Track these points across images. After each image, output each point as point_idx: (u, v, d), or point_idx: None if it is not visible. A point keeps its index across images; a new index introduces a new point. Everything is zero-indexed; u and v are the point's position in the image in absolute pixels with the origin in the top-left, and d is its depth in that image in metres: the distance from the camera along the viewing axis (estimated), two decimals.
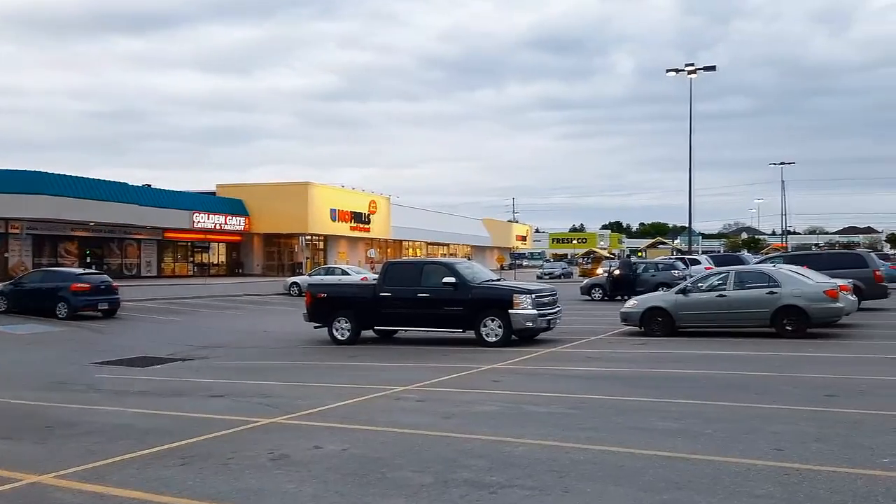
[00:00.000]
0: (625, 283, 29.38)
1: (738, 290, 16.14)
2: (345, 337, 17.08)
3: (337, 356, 15.15)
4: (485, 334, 15.77)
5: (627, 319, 17.31)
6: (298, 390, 10.76)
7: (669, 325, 16.61)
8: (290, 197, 57.95)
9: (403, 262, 18.33)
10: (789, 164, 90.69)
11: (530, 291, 15.88)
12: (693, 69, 48.98)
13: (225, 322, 23.89)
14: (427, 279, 16.72)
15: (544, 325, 15.95)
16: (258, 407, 9.37)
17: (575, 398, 9.29)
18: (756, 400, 8.88)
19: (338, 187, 65.07)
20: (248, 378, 12.33)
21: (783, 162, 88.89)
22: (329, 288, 18.75)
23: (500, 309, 15.68)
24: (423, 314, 16.44)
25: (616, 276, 30.12)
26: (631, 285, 28.96)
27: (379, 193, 71.08)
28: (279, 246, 63.47)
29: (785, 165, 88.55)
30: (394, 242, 77.55)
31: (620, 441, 6.89)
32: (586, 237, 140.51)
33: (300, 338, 18.53)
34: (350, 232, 65.12)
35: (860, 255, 21.59)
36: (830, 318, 15.62)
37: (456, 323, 16.16)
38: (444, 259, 18.67)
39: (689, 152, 50.33)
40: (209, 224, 54.89)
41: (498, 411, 8.59)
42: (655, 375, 11.29)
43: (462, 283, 16.10)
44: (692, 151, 50.49)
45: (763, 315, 15.75)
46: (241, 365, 14.37)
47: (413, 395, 9.90)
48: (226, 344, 17.90)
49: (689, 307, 16.44)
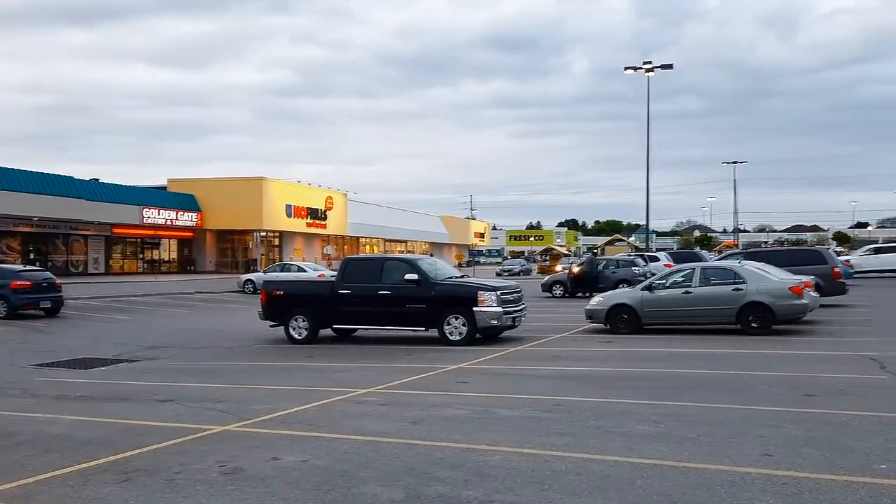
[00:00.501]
0: (586, 280, 29.21)
1: (704, 286, 15.94)
2: (302, 336, 16.43)
3: (294, 356, 14.50)
4: (448, 333, 15.29)
5: (593, 317, 17.00)
6: (254, 394, 10.12)
7: (635, 323, 16.35)
8: (244, 192, 56.65)
9: (363, 258, 17.72)
10: (741, 162, 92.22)
11: (495, 288, 15.44)
12: (650, 67, 49.26)
13: (176, 321, 22.97)
14: (388, 276, 16.16)
15: (509, 322, 15.53)
16: (210, 413, 8.72)
17: (547, 400, 8.85)
18: (734, 400, 8.55)
19: (294, 182, 63.91)
20: (199, 380, 11.63)
21: (735, 161, 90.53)
22: (285, 285, 18.05)
23: (464, 307, 15.21)
24: (384, 312, 15.89)
25: (577, 273, 29.91)
26: (592, 282, 28.82)
27: (336, 189, 70.10)
28: (233, 242, 62.07)
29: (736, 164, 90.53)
30: (351, 239, 76.58)
31: (602, 448, 6.45)
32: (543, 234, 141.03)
33: (255, 337, 17.80)
34: (306, 228, 64.04)
35: (819, 252, 21.68)
36: (795, 315, 15.52)
37: (418, 321, 15.64)
38: (406, 255, 18.14)
39: (647, 150, 50.72)
40: (160, 220, 53.37)
41: (468, 415, 8.10)
42: (627, 375, 10.94)
43: (424, 279, 15.58)
44: (650, 149, 50.91)
45: (729, 312, 15.58)
46: (193, 366, 13.63)
47: (376, 399, 9.36)
48: (176, 344, 17.09)
49: (655, 304, 16.19)
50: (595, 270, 29.27)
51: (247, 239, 60.60)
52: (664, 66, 49.33)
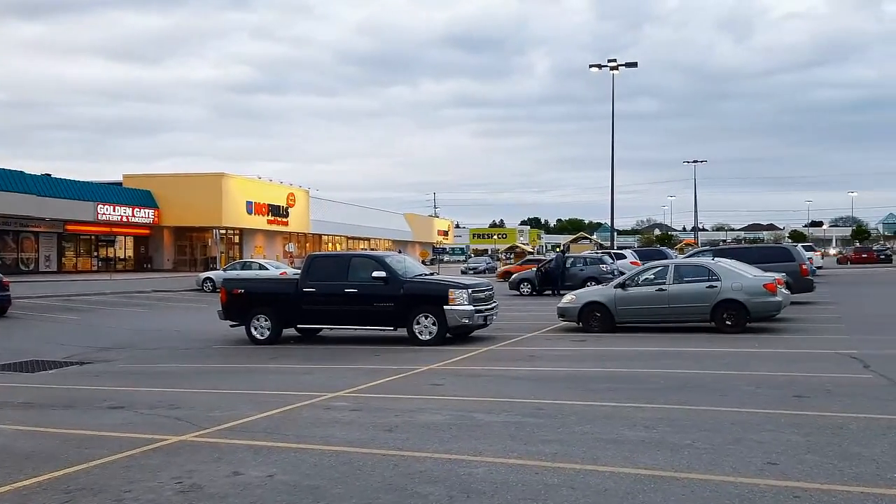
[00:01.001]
0: (553, 277, 28.93)
1: (678, 284, 15.66)
2: (264, 336, 15.75)
3: (256, 358, 13.83)
4: (418, 332, 14.76)
5: (565, 315, 16.61)
6: (213, 399, 9.46)
7: (608, 321, 16.01)
8: (202, 188, 55.36)
9: (329, 255, 17.08)
10: (701, 162, 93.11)
11: (466, 286, 14.95)
12: (615, 65, 49.29)
13: (131, 321, 22.04)
14: (355, 273, 15.56)
15: (481, 321, 15.05)
16: (165, 421, 8.06)
17: (528, 404, 8.38)
18: (723, 402, 8.18)
19: (254, 179, 62.77)
20: (154, 385, 10.92)
21: (696, 160, 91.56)
22: (247, 283, 17.31)
23: (434, 305, 14.69)
24: (351, 311, 15.29)
25: (544, 271, 29.60)
26: (559, 280, 28.59)
27: (298, 186, 69.00)
28: (191, 240, 60.68)
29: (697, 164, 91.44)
30: (313, 237, 75.51)
31: (594, 457, 5.99)
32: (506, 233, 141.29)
33: (215, 337, 17.05)
34: (267, 225, 62.90)
35: (787, 249, 21.64)
36: (770, 312, 15.32)
37: (386, 320, 15.08)
38: (374, 252, 17.53)
39: (612, 148, 50.66)
40: (115, 216, 51.84)
41: (446, 421, 7.58)
42: (606, 375, 10.53)
43: (393, 277, 15.03)
44: (614, 147, 50.91)
45: (703, 310, 15.32)
46: (148, 369, 12.88)
47: (346, 403, 8.79)
48: (131, 345, 16.26)
49: (629, 302, 15.86)
50: (562, 268, 29.00)
51: (206, 236, 59.21)
52: (628, 65, 49.41)
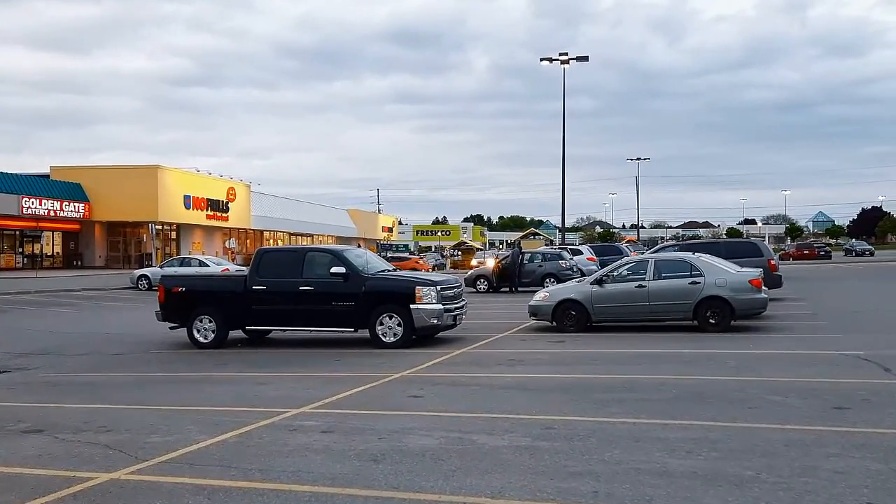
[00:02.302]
0: (510, 274, 27.90)
1: (659, 280, 14.68)
2: (208, 339, 14.17)
3: (201, 364, 12.27)
4: (381, 334, 13.40)
5: (537, 314, 15.46)
6: (153, 418, 7.94)
7: (584, 320, 14.92)
8: (137, 181, 52.52)
9: (281, 249, 15.52)
10: (644, 159, 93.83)
11: (434, 283, 13.63)
12: (566, 59, 48.61)
13: (57, 322, 20.02)
14: (310, 269, 14.10)
15: (450, 321, 13.79)
16: (93, 451, 6.54)
17: (531, 421, 7.14)
18: (758, 417, 7.08)
19: (193, 172, 60.01)
20: (81, 399, 9.30)
21: (639, 157, 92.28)
22: (188, 281, 15.63)
23: (399, 304, 13.35)
24: (306, 311, 13.82)
25: (502, 267, 28.54)
26: (515, 276, 27.62)
27: (239, 180, 66.44)
28: (125, 235, 57.67)
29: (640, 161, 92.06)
30: (254, 232, 72.95)
31: (648, 498, 4.77)
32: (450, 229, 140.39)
33: (152, 340, 15.35)
34: (206, 221, 60.24)
35: (755, 245, 21.04)
36: (755, 310, 14.47)
37: (346, 321, 13.67)
38: (332, 246, 16.06)
39: (563, 143, 49.98)
40: (41, 210, 48.69)
41: (442, 446, 6.27)
42: (606, 383, 9.37)
43: (353, 273, 13.62)
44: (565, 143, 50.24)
45: (685, 307, 14.38)
46: (74, 379, 11.18)
47: (315, 423, 7.39)
48: (56, 350, 14.44)
49: (607, 299, 14.81)
50: (518, 264, 28.02)
51: (140, 232, 56.32)
52: (580, 59, 48.77)
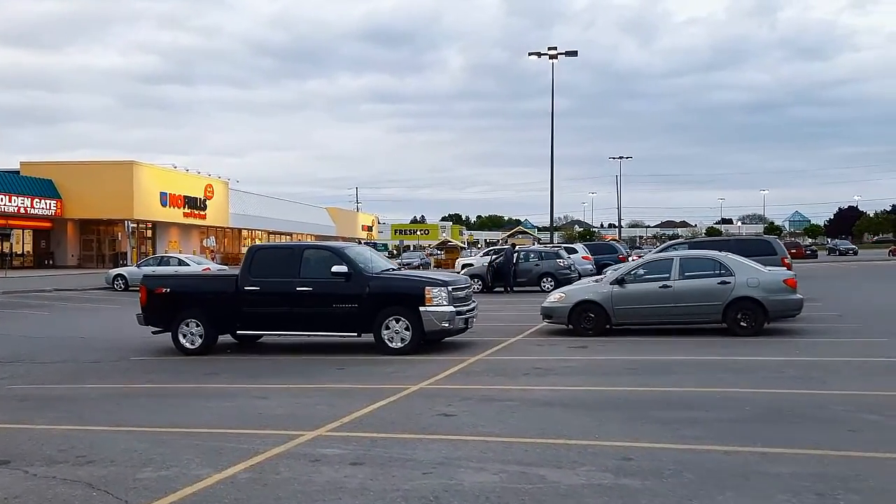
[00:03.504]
0: (504, 273, 26.77)
1: (685, 279, 13.64)
2: (195, 345, 12.90)
3: (188, 374, 11.01)
4: (387, 339, 12.22)
5: (552, 316, 14.36)
6: (142, 444, 6.70)
7: (602, 322, 13.86)
8: (111, 178, 50.76)
9: (276, 246, 14.28)
10: (627, 158, 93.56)
11: (445, 283, 12.48)
12: (555, 53, 47.68)
13: (27, 325, 18.56)
14: (308, 268, 12.88)
15: (461, 325, 12.63)
16: (71, 490, 5.31)
17: (602, 449, 6.01)
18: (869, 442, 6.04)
19: (169, 169, 58.30)
20: (55, 418, 8.01)
21: (622, 156, 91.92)
22: (173, 281, 14.31)
23: (407, 306, 12.19)
24: (305, 314, 12.60)
25: (496, 267, 27.44)
26: (510, 276, 26.53)
27: (217, 177, 64.76)
28: (98, 234, 55.82)
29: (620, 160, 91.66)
30: (232, 231, 71.24)
31: None
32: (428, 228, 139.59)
33: (132, 346, 14.03)
34: (183, 219, 58.57)
35: (769, 242, 20.15)
36: (790, 312, 13.48)
37: (348, 324, 12.47)
38: (331, 243, 14.85)
39: (552, 139, 49.06)
40: (11, 207, 46.81)
41: (504, 485, 5.12)
42: (661, 398, 8.28)
43: (356, 273, 12.43)
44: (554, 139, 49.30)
45: (714, 309, 13.36)
46: (46, 392, 9.87)
47: (338, 449, 6.21)
48: (25, 356, 13.06)
49: (628, 300, 13.75)
50: (513, 263, 26.95)
51: (115, 230, 54.52)
52: (568, 53, 47.94)
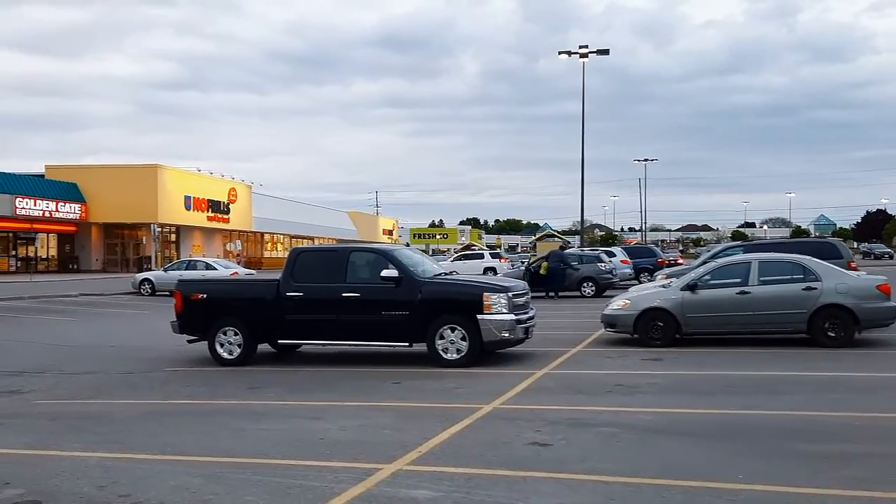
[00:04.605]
0: (556, 277, 25.48)
1: (765, 285, 12.48)
2: (233, 355, 11.96)
3: (229, 388, 10.03)
4: (441, 349, 11.19)
5: (616, 324, 13.24)
6: (191, 477, 5.70)
7: (672, 331, 12.73)
8: (135, 181, 50.26)
9: (320, 249, 13.33)
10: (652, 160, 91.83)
11: (505, 288, 11.42)
12: (585, 52, 46.46)
13: (53, 332, 17.73)
14: (355, 273, 11.91)
15: (521, 335, 11.56)
16: None
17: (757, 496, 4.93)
18: None
19: (193, 172, 57.75)
20: (87, 443, 7.04)
21: (646, 158, 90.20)
22: (210, 286, 13.33)
23: (463, 314, 11.15)
24: (351, 322, 11.60)
25: (534, 270, 26.31)
26: (561, 280, 25.35)
27: (240, 181, 64.17)
28: (122, 237, 55.38)
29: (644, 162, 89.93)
30: (254, 235, 70.63)
31: None
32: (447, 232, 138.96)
33: (165, 355, 13.12)
34: (207, 222, 57.99)
35: (833, 245, 18.90)
36: (884, 321, 12.25)
37: (399, 333, 11.44)
38: (379, 245, 13.77)
39: (582, 141, 47.83)
40: (36, 211, 46.42)
41: None
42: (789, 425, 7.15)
43: (407, 277, 11.41)
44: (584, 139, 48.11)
45: (798, 317, 12.19)
46: (76, 409, 8.93)
47: (430, 491, 5.16)
48: (52, 367, 12.17)
49: (701, 308, 12.60)
50: (565, 266, 25.67)
51: (139, 234, 54.05)
52: (600, 52, 46.63)
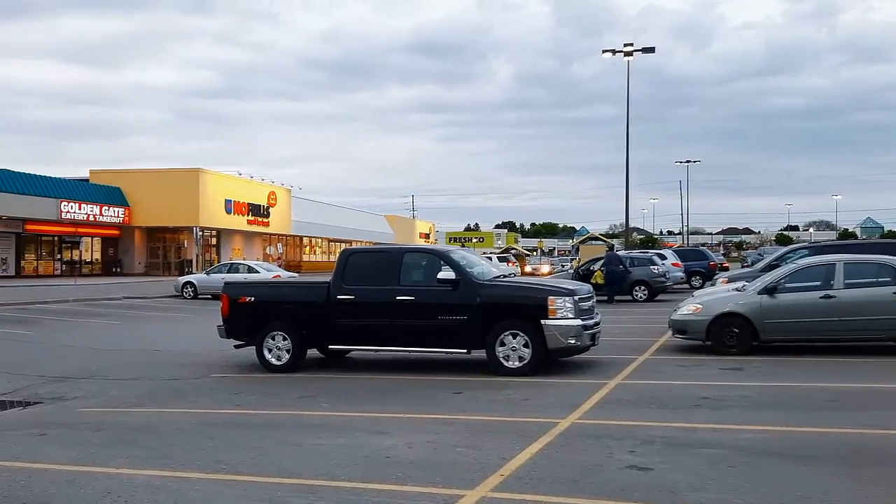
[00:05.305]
0: (617, 279, 24.36)
1: (852, 289, 11.56)
2: (282, 361, 11.41)
3: (281, 396, 9.46)
4: (502, 357, 10.49)
5: (686, 330, 12.41)
6: (240, 499, 5.09)
7: (748, 338, 11.86)
8: (177, 185, 50.39)
9: (372, 251, 12.73)
10: (695, 162, 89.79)
11: (570, 291, 10.69)
12: (631, 50, 45.38)
13: (98, 336, 17.42)
14: (409, 275, 11.30)
15: (588, 341, 10.81)
16: None
17: None
18: None
19: (234, 176, 57.80)
20: (134, 458, 6.49)
21: (689, 160, 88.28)
22: (258, 289, 12.82)
23: (526, 319, 10.45)
24: (405, 327, 10.96)
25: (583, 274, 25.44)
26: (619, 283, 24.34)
27: (280, 184, 64.19)
28: (164, 241, 55.66)
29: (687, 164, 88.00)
30: (293, 238, 70.62)
31: None
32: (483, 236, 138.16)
33: (210, 360, 12.64)
34: (247, 226, 57.99)
35: None
36: None
37: (456, 339, 10.77)
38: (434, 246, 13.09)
39: (626, 143, 46.76)
40: (80, 215, 46.76)
41: None
42: None
43: (466, 280, 10.74)
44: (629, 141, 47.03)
45: (890, 324, 11.25)
46: (121, 419, 8.43)
47: None
48: (97, 372, 11.75)
49: (781, 313, 11.70)
50: (624, 268, 24.54)
51: (180, 237, 54.28)
52: (646, 50, 45.57)
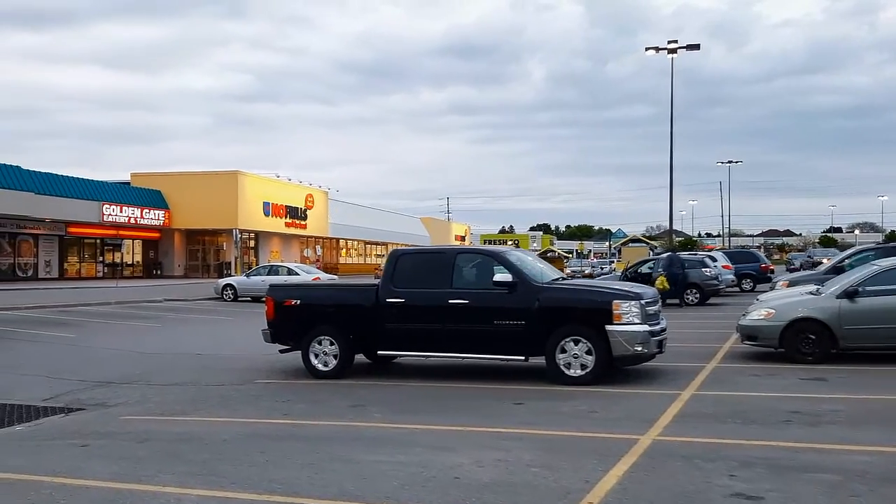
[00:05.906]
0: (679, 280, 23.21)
1: None
2: (329, 367, 10.92)
3: (329, 405, 8.95)
4: (563, 364, 9.84)
5: (757, 337, 11.62)
6: None
7: (827, 346, 11.05)
8: (217, 188, 50.63)
9: (423, 251, 12.22)
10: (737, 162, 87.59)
11: (636, 295, 10.00)
12: (674, 48, 44.25)
13: (139, 339, 17.15)
14: (461, 277, 10.71)
15: (656, 349, 10.11)
16: None
17: None
18: None
19: (272, 178, 57.98)
20: (179, 474, 6.00)
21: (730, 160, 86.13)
22: (304, 292, 12.34)
23: (589, 324, 9.79)
24: (459, 331, 10.37)
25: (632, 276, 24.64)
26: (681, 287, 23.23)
27: (317, 187, 64.21)
28: (204, 243, 55.94)
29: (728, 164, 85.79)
30: (330, 241, 70.62)
31: None
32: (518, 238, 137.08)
33: (254, 365, 12.20)
34: (285, 228, 58.11)
35: None
36: None
37: (514, 345, 10.15)
38: (488, 247, 12.54)
39: (671, 141, 45.59)
40: (122, 218, 47.18)
41: None
42: None
43: (523, 282, 10.13)
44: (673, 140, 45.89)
45: None
46: (165, 428, 7.98)
47: None
48: (139, 376, 11.39)
49: (863, 319, 10.87)
50: (682, 271, 23.41)
51: (219, 240, 54.51)
52: (690, 47, 44.33)
